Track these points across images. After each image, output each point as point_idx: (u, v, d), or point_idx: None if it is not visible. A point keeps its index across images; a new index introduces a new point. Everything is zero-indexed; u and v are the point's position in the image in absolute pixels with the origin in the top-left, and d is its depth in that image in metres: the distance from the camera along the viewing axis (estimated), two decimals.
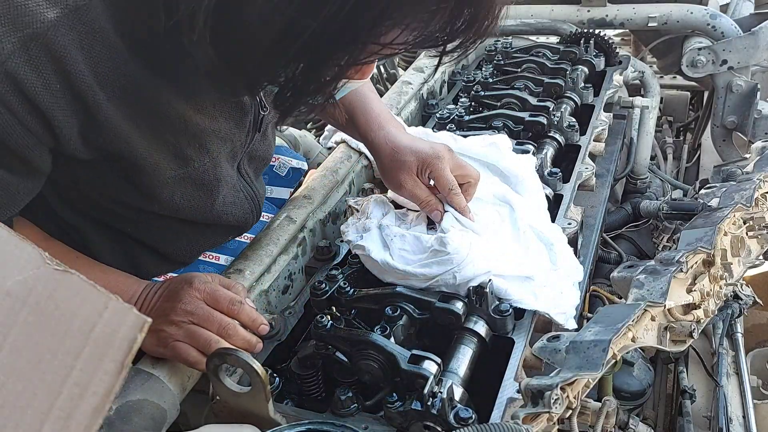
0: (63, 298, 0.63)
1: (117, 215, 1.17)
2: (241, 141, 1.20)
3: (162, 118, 1.03)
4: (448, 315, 1.10)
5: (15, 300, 0.61)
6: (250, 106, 1.18)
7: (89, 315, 0.63)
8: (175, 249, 1.28)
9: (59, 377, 0.61)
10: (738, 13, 2.50)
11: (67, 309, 0.63)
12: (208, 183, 1.16)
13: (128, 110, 0.98)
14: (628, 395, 1.57)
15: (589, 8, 2.40)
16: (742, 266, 1.43)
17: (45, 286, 0.62)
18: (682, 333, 1.19)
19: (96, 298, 0.64)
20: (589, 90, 1.90)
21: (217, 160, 1.15)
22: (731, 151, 2.41)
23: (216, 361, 0.95)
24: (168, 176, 1.09)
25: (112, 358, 0.63)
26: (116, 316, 0.64)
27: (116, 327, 0.64)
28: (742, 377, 1.54)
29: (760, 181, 1.53)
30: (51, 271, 0.63)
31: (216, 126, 1.12)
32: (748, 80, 2.27)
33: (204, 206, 1.19)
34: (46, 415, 0.59)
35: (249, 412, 0.96)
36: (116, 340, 0.63)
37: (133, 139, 1.01)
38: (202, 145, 1.11)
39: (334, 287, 1.17)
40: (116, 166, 1.04)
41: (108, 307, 0.64)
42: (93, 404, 0.61)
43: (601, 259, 2.00)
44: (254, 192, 1.34)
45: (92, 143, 0.98)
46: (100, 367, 0.62)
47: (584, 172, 1.56)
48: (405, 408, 0.95)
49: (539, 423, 0.92)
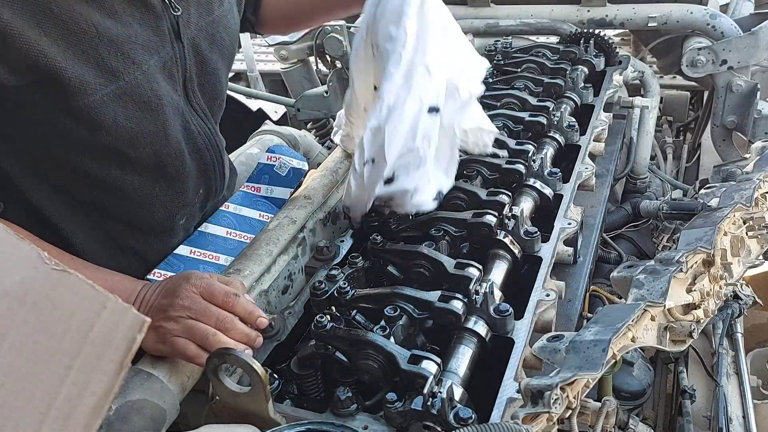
0: (61, 297, 0.63)
1: (80, 181, 1.17)
2: (168, 53, 1.20)
3: (67, 22, 1.03)
4: (448, 315, 1.10)
5: (13, 300, 0.61)
6: (162, 9, 1.18)
7: (87, 315, 0.63)
8: (145, 214, 1.28)
9: (58, 377, 0.61)
10: (738, 13, 2.50)
11: (65, 309, 0.63)
12: (148, 101, 1.16)
13: (27, 16, 0.99)
14: (628, 395, 1.57)
15: (589, 8, 2.40)
16: (742, 266, 1.43)
17: (43, 286, 0.62)
18: (682, 333, 1.19)
19: (94, 297, 0.64)
20: (589, 90, 1.90)
21: (149, 74, 1.15)
22: (731, 151, 2.41)
23: (216, 361, 0.95)
24: (101, 94, 1.09)
25: (111, 358, 0.63)
26: (115, 316, 0.64)
27: (115, 327, 0.64)
28: (742, 377, 1.54)
29: (760, 181, 1.53)
30: (49, 271, 0.63)
31: (131, 32, 1.12)
32: (748, 80, 2.27)
33: (156, 131, 1.18)
34: (45, 415, 0.59)
35: (249, 412, 0.96)
36: (115, 340, 0.63)
37: (46, 49, 1.01)
38: (125, 54, 1.11)
39: (334, 287, 1.17)
40: (46, 94, 1.05)
41: (106, 306, 0.64)
42: (92, 404, 0.61)
43: (601, 259, 2.00)
44: (210, 131, 1.33)
45: (5, 60, 0.99)
46: (99, 367, 0.62)
47: (584, 172, 1.56)
48: (405, 408, 0.95)
49: (539, 423, 0.92)
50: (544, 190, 1.47)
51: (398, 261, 1.25)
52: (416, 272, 1.23)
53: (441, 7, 1.23)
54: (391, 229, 1.34)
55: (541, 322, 1.17)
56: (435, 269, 1.21)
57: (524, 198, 1.46)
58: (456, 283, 1.15)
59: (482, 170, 1.53)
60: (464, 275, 1.15)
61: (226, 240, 1.44)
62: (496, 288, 1.20)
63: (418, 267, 1.23)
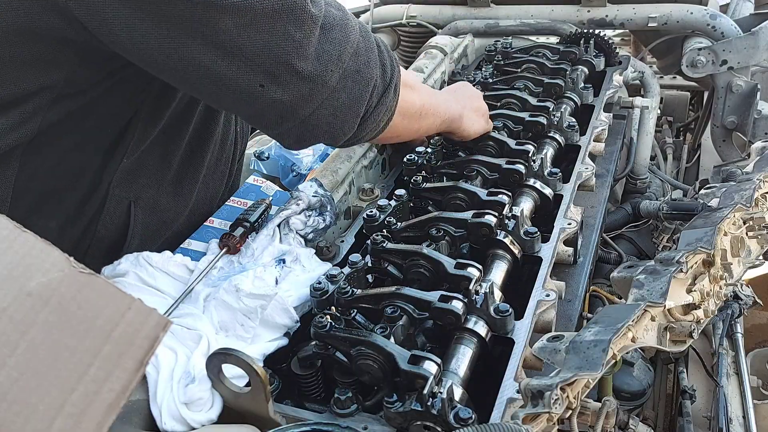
0: (86, 299, 0.64)
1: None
2: None
3: None
4: (448, 315, 1.10)
5: (36, 300, 0.62)
6: None
7: (112, 315, 0.64)
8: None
9: (75, 374, 0.62)
10: (738, 14, 2.50)
11: (90, 310, 0.64)
12: None
13: None
14: (628, 395, 1.57)
15: (589, 8, 2.40)
16: (742, 266, 1.43)
17: (69, 288, 0.64)
18: (682, 333, 1.19)
19: (120, 299, 0.65)
20: (589, 90, 1.90)
21: None
22: (731, 151, 2.41)
23: (216, 361, 0.95)
24: None
25: (132, 356, 0.64)
26: (139, 317, 0.65)
27: (139, 326, 0.65)
28: (742, 377, 1.54)
29: (760, 181, 1.53)
30: (76, 274, 0.65)
31: None
32: (748, 80, 2.27)
33: None
34: (58, 411, 0.60)
35: (249, 412, 0.96)
36: (137, 339, 0.65)
37: None
38: None
39: (334, 287, 1.17)
40: None
41: (131, 308, 0.65)
42: (108, 401, 0.62)
43: (601, 259, 2.00)
44: None
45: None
46: (119, 365, 0.63)
47: (584, 172, 1.56)
48: (405, 408, 0.95)
49: (539, 423, 0.92)
50: (544, 190, 1.47)
51: (398, 261, 1.26)
52: (416, 272, 1.23)
53: None
54: (391, 229, 1.34)
55: (541, 322, 1.17)
56: (435, 269, 1.21)
57: (524, 198, 1.46)
58: (456, 284, 1.15)
59: (482, 170, 1.53)
60: (464, 275, 1.15)
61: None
62: (496, 288, 1.20)
63: (418, 267, 1.23)
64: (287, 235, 1.32)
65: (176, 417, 0.95)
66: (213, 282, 1.20)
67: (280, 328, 1.13)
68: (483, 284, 1.14)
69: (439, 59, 2.18)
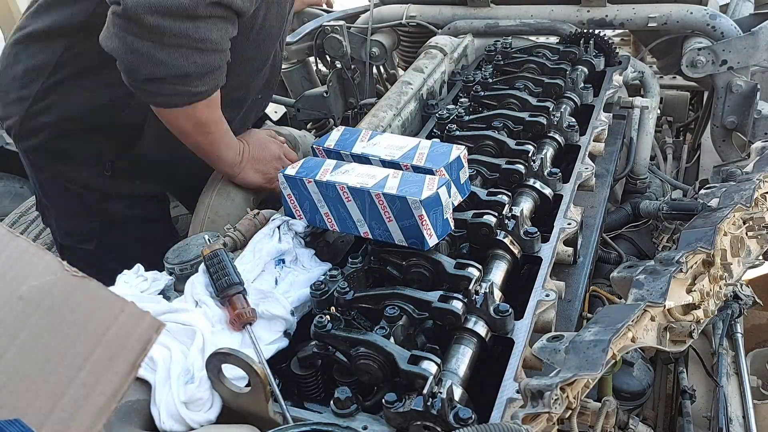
0: (79, 302, 0.64)
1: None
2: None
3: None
4: (448, 315, 1.10)
5: (27, 304, 0.62)
6: None
7: (104, 318, 0.64)
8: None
9: (65, 378, 0.61)
10: (738, 14, 2.50)
11: (82, 313, 0.64)
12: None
13: None
14: (628, 395, 1.57)
15: (589, 8, 2.40)
16: (742, 266, 1.43)
17: (61, 291, 0.64)
18: (681, 333, 1.19)
19: (112, 303, 0.65)
20: (588, 90, 1.90)
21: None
22: (731, 151, 2.41)
23: (216, 362, 0.95)
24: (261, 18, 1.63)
25: (124, 359, 0.64)
26: (131, 319, 0.65)
27: (131, 329, 0.65)
28: (742, 377, 1.54)
29: (760, 181, 1.53)
30: (68, 278, 0.64)
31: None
32: (748, 80, 2.27)
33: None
34: (47, 416, 0.59)
35: (249, 412, 0.96)
36: (130, 342, 0.64)
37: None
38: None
39: (334, 287, 1.17)
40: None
41: (124, 311, 0.65)
42: (99, 404, 0.62)
43: (601, 259, 2.00)
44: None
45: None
46: (110, 368, 0.63)
47: (584, 172, 1.56)
48: (405, 408, 0.95)
49: (539, 423, 0.92)
50: (544, 190, 1.47)
51: (398, 261, 1.26)
52: (416, 272, 1.23)
53: None
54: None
55: (541, 322, 1.17)
56: (435, 269, 1.21)
57: (524, 198, 1.46)
58: (456, 283, 1.15)
59: (482, 170, 1.53)
60: (464, 275, 1.15)
61: None
62: (496, 288, 1.20)
63: (418, 267, 1.23)
64: (287, 235, 1.33)
65: (175, 417, 0.95)
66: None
67: (279, 322, 1.13)
68: (483, 284, 1.14)
69: (438, 59, 2.18)
